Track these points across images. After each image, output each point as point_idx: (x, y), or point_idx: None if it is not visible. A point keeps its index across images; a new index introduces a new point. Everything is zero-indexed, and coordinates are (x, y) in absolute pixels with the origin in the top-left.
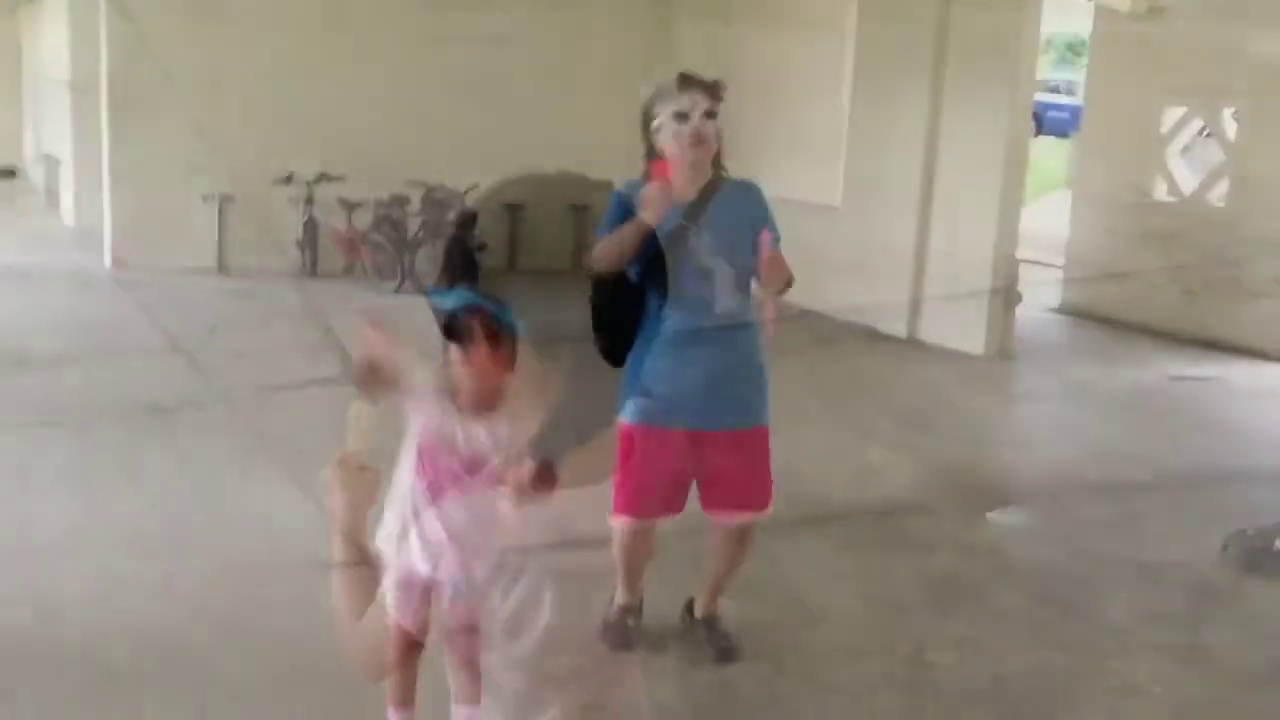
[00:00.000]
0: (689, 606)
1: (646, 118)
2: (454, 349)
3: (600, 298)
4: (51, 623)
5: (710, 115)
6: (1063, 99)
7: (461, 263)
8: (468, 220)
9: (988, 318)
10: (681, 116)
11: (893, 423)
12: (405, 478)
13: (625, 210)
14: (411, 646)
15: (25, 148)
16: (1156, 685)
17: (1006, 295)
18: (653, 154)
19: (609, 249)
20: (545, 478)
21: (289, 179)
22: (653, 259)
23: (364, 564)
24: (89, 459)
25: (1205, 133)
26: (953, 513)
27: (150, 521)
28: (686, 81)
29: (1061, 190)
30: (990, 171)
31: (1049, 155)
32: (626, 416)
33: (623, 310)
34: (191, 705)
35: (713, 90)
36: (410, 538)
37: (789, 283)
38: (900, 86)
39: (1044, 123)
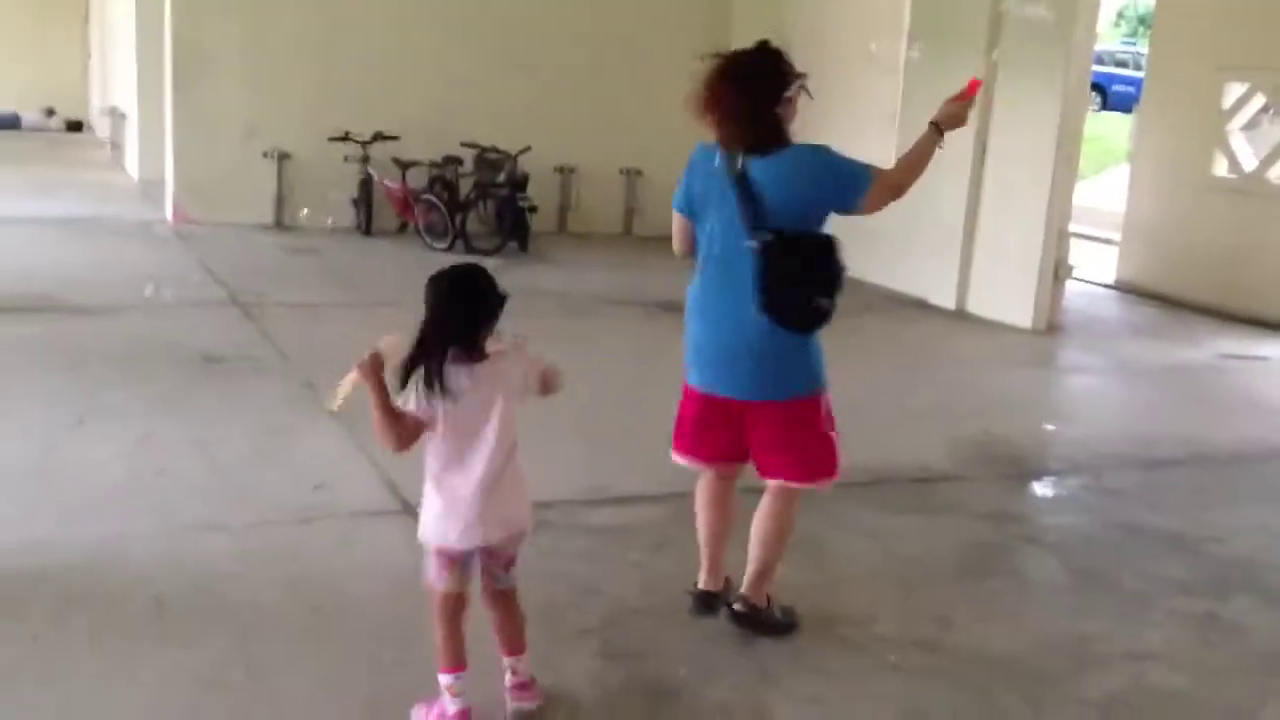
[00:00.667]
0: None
1: (788, 84)
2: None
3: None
4: (102, 559)
5: None
6: (1130, 73)
7: (513, 223)
8: (519, 182)
9: (1036, 291)
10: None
11: (934, 392)
12: None
13: None
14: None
15: (92, 101)
16: (1178, 654)
17: (1056, 269)
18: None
19: (921, 170)
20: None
21: (345, 137)
22: None
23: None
24: (144, 404)
25: (1269, 110)
26: (988, 482)
27: (201, 465)
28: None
29: (1125, 165)
30: (1044, 144)
31: (1115, 130)
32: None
33: None
34: (235, 641)
35: None
36: None
37: None
38: (953, 57)
39: (1110, 96)
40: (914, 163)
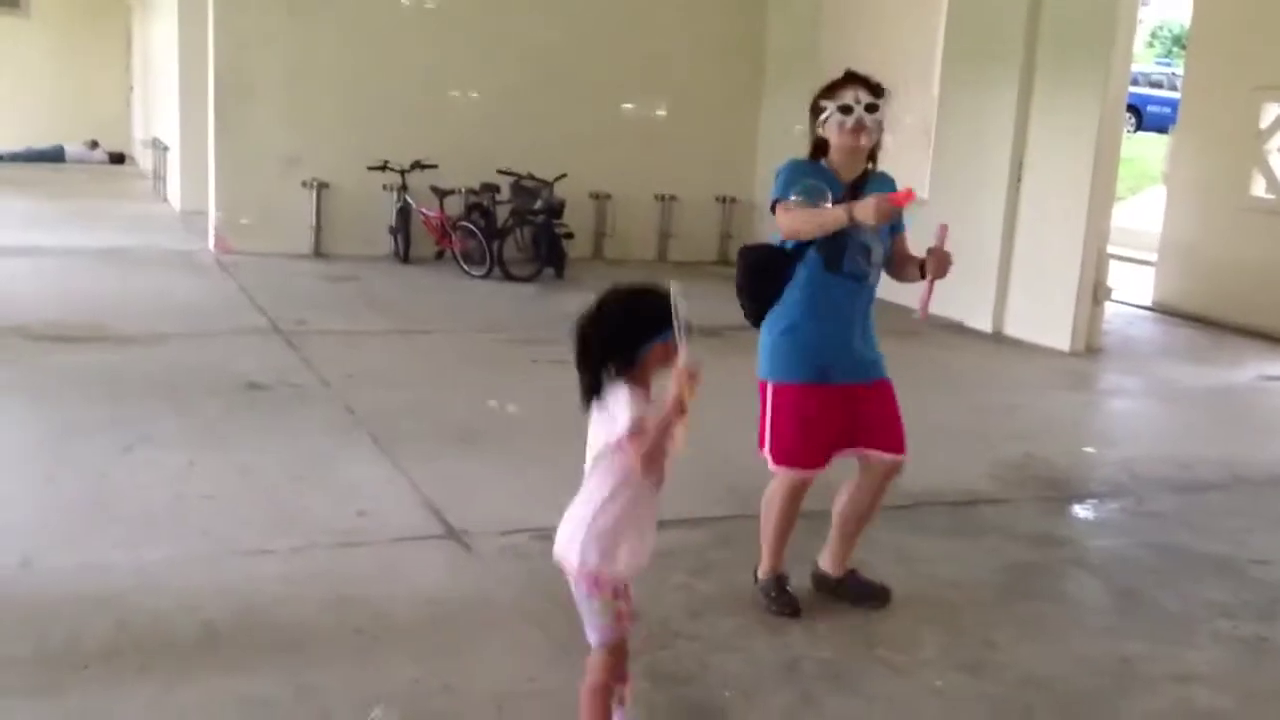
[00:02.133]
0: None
1: (815, 109)
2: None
3: (763, 263)
4: (151, 585)
5: (871, 109)
6: (1165, 93)
7: (549, 250)
8: (555, 209)
9: (1074, 314)
10: (846, 109)
11: (974, 415)
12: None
13: (805, 176)
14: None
15: (135, 133)
16: (1223, 676)
17: (1095, 291)
18: (821, 142)
19: (809, 228)
20: None
21: (384, 166)
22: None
23: None
24: (190, 431)
25: None
26: (1029, 505)
27: (245, 490)
28: (853, 78)
29: (1161, 186)
30: (1080, 166)
31: (1150, 151)
32: (784, 376)
33: (777, 276)
34: (283, 664)
35: (875, 87)
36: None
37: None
38: (990, 78)
39: (1145, 117)
40: (808, 220)
